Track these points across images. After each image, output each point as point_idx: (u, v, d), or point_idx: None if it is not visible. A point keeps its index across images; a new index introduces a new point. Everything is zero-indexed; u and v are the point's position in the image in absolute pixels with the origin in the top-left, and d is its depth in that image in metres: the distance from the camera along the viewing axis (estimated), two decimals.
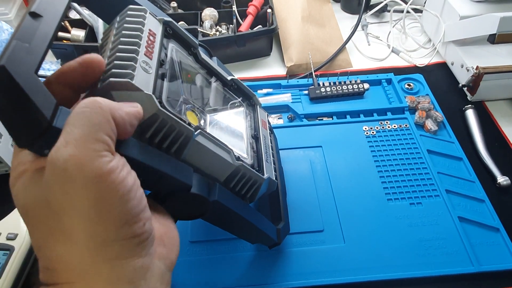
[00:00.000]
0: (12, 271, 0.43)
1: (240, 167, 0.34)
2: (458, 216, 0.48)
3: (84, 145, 0.20)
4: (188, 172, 0.30)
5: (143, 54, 0.28)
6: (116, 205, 0.21)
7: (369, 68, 0.72)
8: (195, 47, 0.37)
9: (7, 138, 0.55)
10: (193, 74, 0.37)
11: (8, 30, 0.66)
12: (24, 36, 0.22)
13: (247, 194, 0.37)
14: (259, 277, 0.44)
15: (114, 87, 0.26)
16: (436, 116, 0.59)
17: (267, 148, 0.41)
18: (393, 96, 0.64)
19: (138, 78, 0.26)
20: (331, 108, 0.62)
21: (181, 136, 0.29)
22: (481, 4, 0.66)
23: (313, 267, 0.45)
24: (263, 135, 0.42)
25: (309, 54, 0.70)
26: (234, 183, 0.35)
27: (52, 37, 0.23)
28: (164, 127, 0.28)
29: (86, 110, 0.21)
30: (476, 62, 0.62)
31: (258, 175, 0.36)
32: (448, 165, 0.55)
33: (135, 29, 0.30)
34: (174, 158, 0.29)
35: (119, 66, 0.27)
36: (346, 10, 0.85)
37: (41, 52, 0.22)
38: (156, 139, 0.28)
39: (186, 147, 0.30)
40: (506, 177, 0.52)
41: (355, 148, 0.57)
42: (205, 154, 0.31)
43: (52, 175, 0.20)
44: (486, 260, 0.45)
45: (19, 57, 0.20)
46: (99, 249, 0.21)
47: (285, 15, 0.77)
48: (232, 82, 0.42)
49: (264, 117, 0.45)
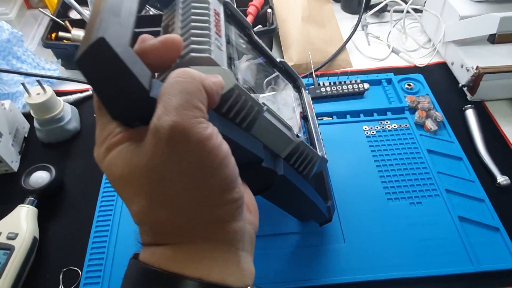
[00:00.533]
0: (12, 270, 0.43)
1: (300, 144, 0.35)
2: (458, 215, 0.49)
3: (184, 112, 0.20)
4: (259, 146, 0.31)
5: (214, 32, 0.30)
6: (218, 169, 0.22)
7: (369, 68, 0.72)
8: (249, 28, 0.39)
9: (7, 138, 0.55)
10: (247, 54, 0.38)
11: (8, 30, 0.66)
12: (113, 10, 0.22)
13: (304, 170, 0.38)
14: (259, 278, 0.44)
15: (195, 62, 0.26)
16: (436, 116, 0.59)
17: (316, 128, 0.42)
18: (393, 96, 0.64)
19: (215, 53, 0.28)
20: (331, 108, 0.62)
21: (253, 111, 0.30)
22: (481, 4, 0.66)
23: (313, 267, 0.45)
24: (311, 116, 0.43)
25: (309, 54, 0.70)
26: (294, 159, 0.36)
27: (136, 11, 0.24)
28: (239, 102, 0.29)
29: (180, 80, 0.21)
30: (476, 62, 0.62)
31: (315, 152, 0.38)
32: (448, 165, 0.55)
33: (203, 8, 0.31)
34: (246, 132, 0.30)
35: (198, 42, 0.28)
36: (346, 10, 0.85)
37: (130, 25, 0.22)
38: (231, 113, 0.29)
39: (256, 122, 0.31)
40: (505, 177, 0.52)
41: (355, 148, 0.57)
42: (271, 130, 0.32)
43: (157, 142, 0.20)
44: (486, 259, 0.45)
45: (114, 29, 0.20)
46: (205, 212, 0.23)
47: (285, 15, 0.77)
48: (281, 64, 0.43)
49: (309, 100, 0.46)
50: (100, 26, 0.20)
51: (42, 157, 0.58)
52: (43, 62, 0.70)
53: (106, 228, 0.48)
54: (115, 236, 0.48)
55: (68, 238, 0.49)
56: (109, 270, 0.45)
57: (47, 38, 0.70)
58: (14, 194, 0.53)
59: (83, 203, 0.52)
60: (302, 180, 0.37)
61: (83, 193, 0.53)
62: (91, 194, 0.53)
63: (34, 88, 0.56)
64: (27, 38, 0.77)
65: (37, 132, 0.59)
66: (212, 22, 0.30)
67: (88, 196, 0.53)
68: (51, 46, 0.70)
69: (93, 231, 0.48)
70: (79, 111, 0.63)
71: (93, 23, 0.21)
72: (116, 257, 0.46)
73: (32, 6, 0.85)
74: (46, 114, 0.56)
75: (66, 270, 0.46)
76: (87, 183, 0.54)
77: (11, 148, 0.55)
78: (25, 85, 0.54)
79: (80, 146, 0.59)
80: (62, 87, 0.68)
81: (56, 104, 0.57)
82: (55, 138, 0.59)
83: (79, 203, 0.52)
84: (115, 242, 0.47)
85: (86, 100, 0.66)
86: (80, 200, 0.53)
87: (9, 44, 0.66)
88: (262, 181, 0.32)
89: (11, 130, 0.56)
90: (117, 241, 0.47)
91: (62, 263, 0.46)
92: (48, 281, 0.45)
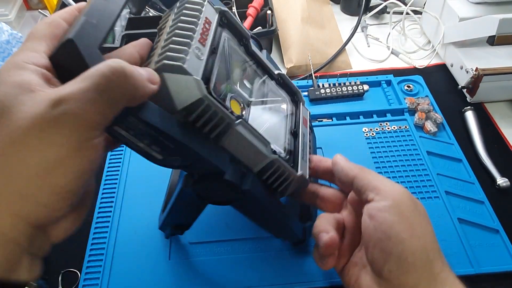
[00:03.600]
0: None
1: (275, 161, 0.35)
2: (457, 217, 0.48)
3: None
4: (224, 158, 0.31)
5: (197, 40, 0.30)
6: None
7: (368, 70, 0.72)
8: (247, 38, 0.38)
9: None
10: (242, 64, 0.38)
11: (8, 31, 0.66)
12: (93, 13, 0.25)
13: (279, 188, 0.37)
14: (258, 279, 0.44)
15: (167, 68, 0.28)
16: (435, 118, 0.59)
17: (304, 146, 0.41)
18: (393, 98, 0.64)
19: (189, 62, 0.28)
20: (331, 109, 0.62)
21: (222, 123, 0.30)
22: (481, 6, 0.66)
23: (313, 269, 0.45)
24: (302, 133, 0.42)
25: (308, 56, 0.70)
26: (268, 175, 0.35)
27: (117, 16, 0.26)
28: (207, 113, 0.29)
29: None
30: (475, 63, 0.62)
31: (292, 170, 0.37)
32: (448, 167, 0.55)
33: (192, 16, 0.31)
34: (214, 143, 0.31)
35: (174, 50, 0.29)
36: (346, 12, 0.85)
37: (106, 29, 0.25)
38: (199, 123, 0.29)
39: (226, 134, 0.31)
40: (505, 179, 0.52)
41: (355, 150, 0.57)
42: (243, 143, 0.32)
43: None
44: (485, 261, 0.45)
45: (86, 32, 0.23)
46: None
47: (284, 16, 0.77)
48: (279, 76, 0.42)
49: (305, 115, 0.45)
50: (73, 28, 0.23)
51: None
52: None
53: (105, 229, 0.48)
54: (114, 238, 0.48)
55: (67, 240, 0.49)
56: (108, 272, 0.45)
57: None
58: None
59: None
60: (272, 198, 0.36)
61: None
62: None
63: None
64: None
65: None
66: (198, 30, 0.30)
67: None
68: None
69: (92, 232, 0.48)
70: None
71: (71, 25, 0.25)
72: (115, 259, 0.46)
73: (32, 7, 0.85)
74: None
75: (65, 272, 0.46)
76: None
77: None
78: None
79: None
80: None
81: None
82: None
83: None
84: (114, 244, 0.47)
85: None
86: None
87: (9, 46, 0.66)
88: (227, 194, 0.33)
89: None
90: (116, 243, 0.47)
91: (61, 265, 0.46)
92: (47, 283, 0.45)
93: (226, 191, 0.32)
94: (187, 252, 0.46)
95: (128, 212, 0.50)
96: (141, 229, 0.48)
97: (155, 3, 0.76)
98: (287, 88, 0.43)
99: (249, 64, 0.39)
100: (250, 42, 0.39)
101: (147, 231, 0.48)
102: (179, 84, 0.28)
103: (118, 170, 0.55)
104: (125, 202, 0.51)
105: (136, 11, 0.75)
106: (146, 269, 0.45)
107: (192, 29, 0.30)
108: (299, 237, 0.42)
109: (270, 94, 0.41)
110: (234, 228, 0.48)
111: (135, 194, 0.51)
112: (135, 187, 0.52)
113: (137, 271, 0.45)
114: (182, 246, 0.47)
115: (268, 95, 0.40)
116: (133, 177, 0.54)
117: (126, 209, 0.50)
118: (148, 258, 0.46)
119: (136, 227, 0.49)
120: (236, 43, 0.37)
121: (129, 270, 0.45)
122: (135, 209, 0.50)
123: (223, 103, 0.30)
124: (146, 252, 0.46)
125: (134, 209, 0.50)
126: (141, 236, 0.48)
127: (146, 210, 0.50)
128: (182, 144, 0.27)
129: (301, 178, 0.38)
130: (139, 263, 0.46)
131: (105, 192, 0.52)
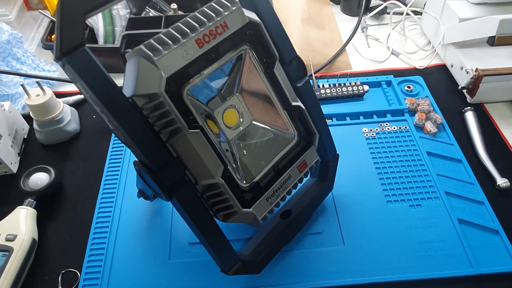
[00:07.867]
0: (11, 272, 0.43)
1: (220, 185, 0.33)
2: (457, 218, 0.48)
3: None
4: (160, 155, 0.31)
5: (193, 40, 0.30)
6: None
7: (368, 70, 0.72)
8: (273, 58, 0.35)
9: (6, 139, 0.55)
10: (256, 81, 0.36)
11: (8, 31, 0.66)
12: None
13: (218, 213, 0.36)
14: (258, 279, 0.44)
15: (140, 53, 0.28)
16: (435, 118, 0.59)
17: (281, 190, 0.38)
18: (393, 98, 0.64)
19: (165, 57, 0.28)
20: (331, 110, 0.62)
21: (173, 125, 0.30)
22: (481, 7, 0.66)
23: (313, 269, 0.45)
24: (288, 175, 0.38)
25: (309, 56, 0.70)
26: (210, 195, 0.34)
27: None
28: (161, 109, 0.29)
29: None
30: (475, 64, 0.62)
31: (236, 203, 0.35)
32: (448, 167, 0.55)
33: (205, 15, 0.31)
34: (158, 139, 0.31)
35: (159, 40, 0.29)
36: (346, 12, 0.85)
37: None
38: (152, 115, 0.30)
39: (175, 137, 0.31)
40: (505, 179, 0.52)
41: (355, 150, 0.57)
42: (191, 153, 0.32)
43: None
44: (485, 262, 0.45)
45: None
46: None
47: (285, 17, 0.77)
48: (295, 109, 0.38)
49: (308, 160, 0.40)
50: None
51: (41, 158, 0.58)
52: (43, 64, 0.70)
53: (105, 230, 0.48)
54: (114, 238, 0.48)
55: (67, 240, 0.49)
56: (108, 272, 0.45)
57: (47, 40, 0.70)
58: (13, 195, 0.53)
59: (82, 205, 0.52)
60: (203, 215, 0.35)
61: (82, 194, 0.53)
62: (90, 195, 0.52)
63: (33, 90, 0.56)
64: (26, 40, 0.77)
65: (36, 134, 0.59)
66: (201, 31, 0.30)
67: (87, 197, 0.53)
68: (51, 47, 0.70)
69: (92, 232, 0.48)
70: (79, 112, 0.63)
71: None
72: (115, 259, 0.46)
73: (32, 7, 0.85)
74: (45, 115, 0.56)
75: (65, 272, 0.46)
76: (86, 185, 0.54)
77: (10, 149, 0.55)
78: (24, 87, 0.54)
79: (79, 147, 0.59)
80: (62, 88, 0.68)
81: (56, 106, 0.57)
82: (54, 140, 0.59)
83: (78, 205, 0.52)
84: (114, 244, 0.47)
85: (86, 102, 0.66)
86: (79, 201, 0.53)
87: (9, 46, 0.66)
88: (154, 188, 0.33)
89: (10, 132, 0.56)
90: (116, 243, 0.47)
91: (61, 265, 0.46)
92: (46, 283, 0.45)
93: (155, 185, 0.32)
94: (187, 252, 0.46)
95: (128, 212, 0.50)
96: (141, 229, 0.49)
97: (155, 3, 0.76)
98: (303, 124, 0.39)
99: (266, 85, 0.36)
100: (275, 63, 0.36)
101: (147, 231, 0.48)
102: (146, 72, 0.28)
103: (118, 170, 0.55)
104: (125, 202, 0.51)
105: (136, 11, 0.75)
106: (146, 269, 0.45)
107: (194, 27, 0.30)
108: (221, 266, 0.38)
109: (278, 119, 0.37)
110: (234, 229, 0.48)
111: (135, 194, 0.51)
112: (135, 187, 0.52)
113: (137, 271, 0.45)
114: (182, 246, 0.47)
115: (276, 120, 0.37)
116: (133, 177, 0.54)
117: (126, 209, 0.51)
118: (148, 258, 0.46)
119: (136, 227, 0.49)
120: (258, 59, 0.35)
121: (129, 270, 0.45)
122: (135, 209, 0.50)
123: (189, 107, 0.30)
124: (146, 252, 0.46)
125: (134, 209, 0.50)
126: (141, 236, 0.48)
127: (146, 210, 0.50)
128: (117, 123, 0.28)
129: (249, 217, 0.35)
130: (139, 263, 0.46)
131: (105, 192, 0.52)
